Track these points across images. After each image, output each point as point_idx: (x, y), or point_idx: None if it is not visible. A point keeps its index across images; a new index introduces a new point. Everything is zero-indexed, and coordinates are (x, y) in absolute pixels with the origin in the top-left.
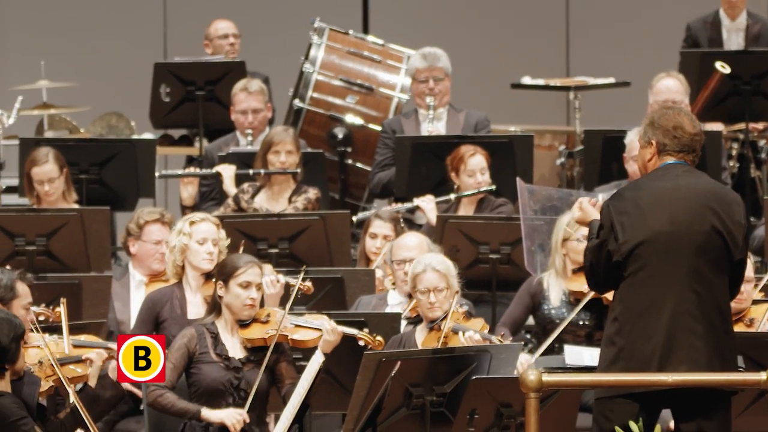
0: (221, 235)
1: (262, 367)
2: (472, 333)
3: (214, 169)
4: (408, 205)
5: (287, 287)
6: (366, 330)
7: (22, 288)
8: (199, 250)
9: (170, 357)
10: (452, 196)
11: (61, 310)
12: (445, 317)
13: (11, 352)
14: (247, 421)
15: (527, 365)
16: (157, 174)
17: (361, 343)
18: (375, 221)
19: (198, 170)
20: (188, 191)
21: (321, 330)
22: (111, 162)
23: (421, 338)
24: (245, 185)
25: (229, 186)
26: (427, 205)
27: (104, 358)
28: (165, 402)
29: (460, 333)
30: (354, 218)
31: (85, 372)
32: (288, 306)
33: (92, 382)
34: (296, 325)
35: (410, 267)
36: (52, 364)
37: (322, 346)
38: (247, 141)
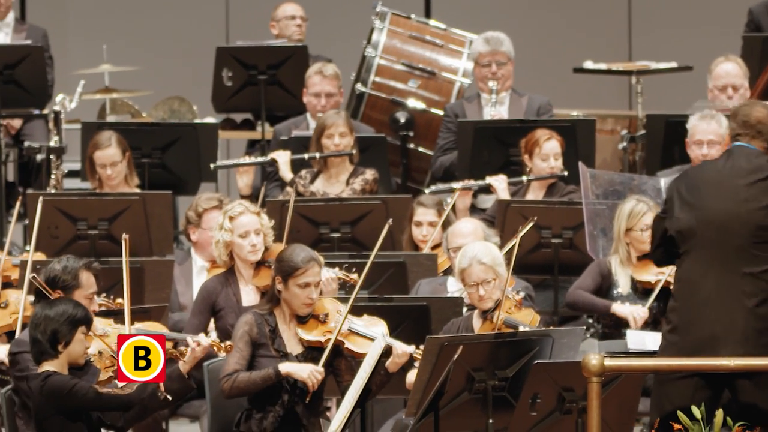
0: (264, 221)
1: (319, 361)
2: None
3: (269, 156)
4: (480, 182)
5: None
6: (422, 347)
7: (86, 277)
8: (243, 244)
9: (236, 346)
10: (524, 178)
11: (123, 300)
12: (496, 308)
13: (62, 333)
14: (323, 376)
15: (639, 318)
16: (211, 165)
17: (416, 364)
18: (418, 209)
19: (253, 159)
20: (244, 181)
21: (375, 340)
22: (173, 146)
23: (478, 325)
24: (303, 172)
25: (285, 172)
26: (500, 185)
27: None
28: (242, 384)
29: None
30: (427, 190)
31: None
32: (345, 314)
33: None
34: (352, 331)
35: (456, 259)
36: (111, 355)
37: (390, 366)
38: None
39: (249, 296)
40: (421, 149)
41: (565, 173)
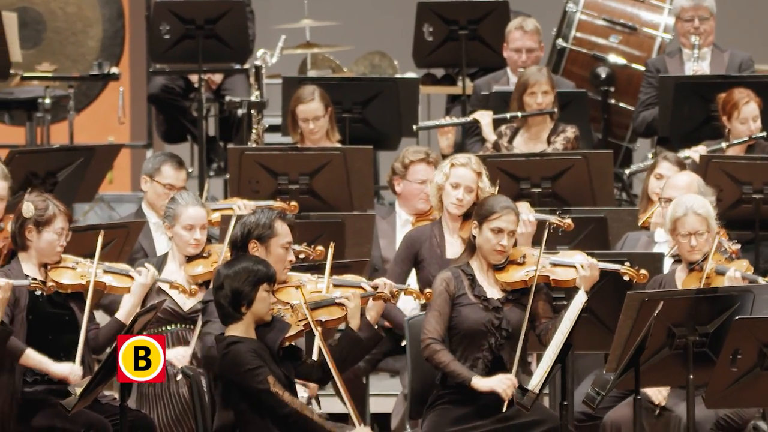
0: (481, 183)
1: (527, 313)
2: (733, 271)
3: (471, 117)
4: (465, 119)
5: (543, 225)
6: (627, 264)
7: (281, 227)
8: (451, 193)
9: (434, 305)
10: (723, 145)
11: (326, 251)
12: (705, 258)
13: (244, 293)
14: (517, 385)
15: None
16: (414, 127)
17: (626, 278)
18: (662, 163)
19: (455, 119)
20: (446, 141)
21: (577, 266)
22: (374, 101)
23: (681, 278)
24: (503, 127)
25: (488, 133)
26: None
27: (358, 299)
28: (440, 360)
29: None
30: (626, 171)
31: (341, 315)
32: (542, 244)
33: (353, 324)
34: (553, 264)
35: (669, 209)
36: (303, 310)
37: (580, 282)
38: None
39: (453, 248)
40: (621, 104)
41: (764, 134)
